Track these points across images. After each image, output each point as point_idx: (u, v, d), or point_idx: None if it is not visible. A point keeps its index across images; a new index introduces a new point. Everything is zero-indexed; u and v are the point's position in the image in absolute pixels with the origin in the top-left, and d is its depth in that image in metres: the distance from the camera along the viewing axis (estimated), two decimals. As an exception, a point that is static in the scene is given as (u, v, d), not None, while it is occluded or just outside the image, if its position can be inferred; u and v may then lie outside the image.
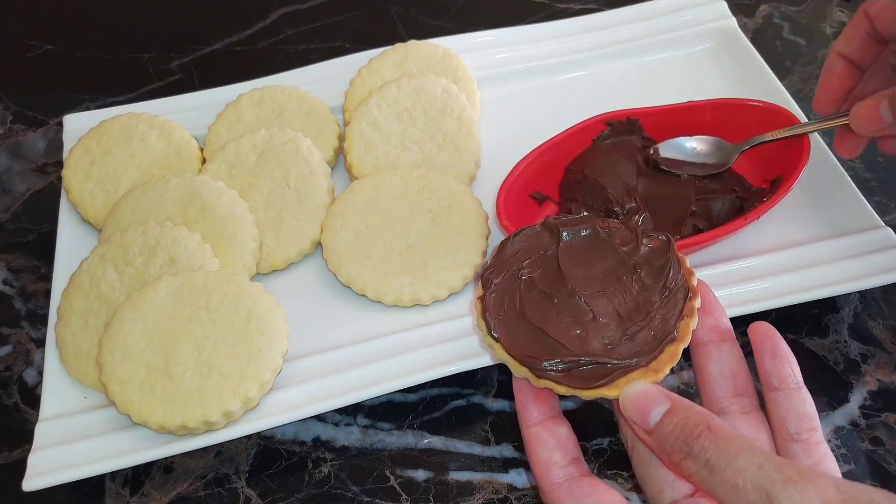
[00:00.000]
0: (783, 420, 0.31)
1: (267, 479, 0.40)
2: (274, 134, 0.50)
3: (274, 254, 0.47)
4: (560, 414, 0.33)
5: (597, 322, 0.31)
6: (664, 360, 0.30)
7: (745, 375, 0.33)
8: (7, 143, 0.58)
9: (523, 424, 0.32)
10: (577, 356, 0.30)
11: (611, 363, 0.30)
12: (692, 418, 0.27)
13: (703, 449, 0.26)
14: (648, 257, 0.33)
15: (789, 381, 0.31)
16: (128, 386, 0.39)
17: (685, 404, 0.28)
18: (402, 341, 0.43)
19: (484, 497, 0.39)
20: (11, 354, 0.46)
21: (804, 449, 0.30)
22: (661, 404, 0.28)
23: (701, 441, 0.27)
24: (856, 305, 0.45)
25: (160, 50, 0.65)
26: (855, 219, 0.46)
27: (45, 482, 0.38)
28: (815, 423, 0.31)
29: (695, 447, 0.27)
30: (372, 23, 0.67)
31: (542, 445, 0.31)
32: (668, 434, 0.28)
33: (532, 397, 0.32)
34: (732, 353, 0.33)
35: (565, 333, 0.31)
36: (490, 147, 0.52)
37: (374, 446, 0.41)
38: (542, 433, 0.32)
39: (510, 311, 0.32)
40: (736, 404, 0.32)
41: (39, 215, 0.54)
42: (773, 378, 0.31)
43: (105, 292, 0.43)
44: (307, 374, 0.42)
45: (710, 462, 0.26)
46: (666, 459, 0.28)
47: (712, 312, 0.33)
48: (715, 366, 0.33)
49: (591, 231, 0.34)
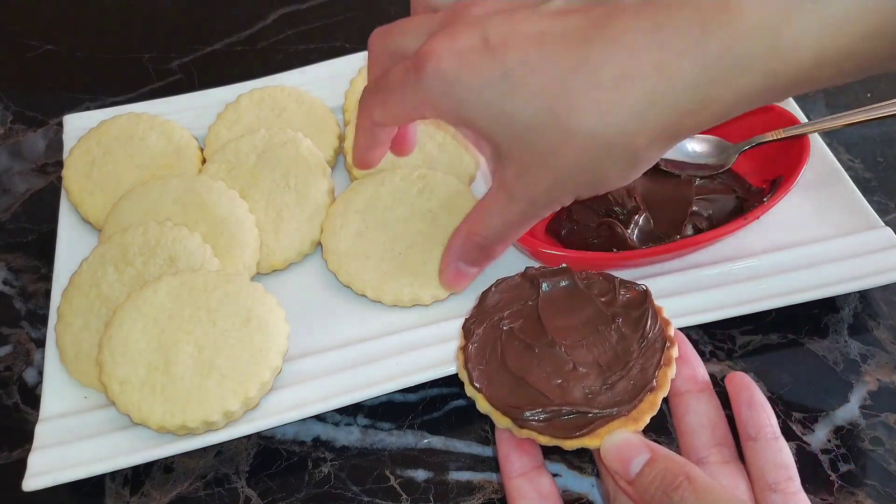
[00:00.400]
0: (762, 470, 0.31)
1: (267, 479, 0.40)
2: (274, 134, 0.50)
3: (274, 254, 0.47)
4: (543, 465, 0.33)
5: (577, 372, 0.31)
6: (644, 408, 0.31)
7: (724, 426, 0.33)
8: (7, 143, 0.58)
9: (506, 476, 0.33)
10: (559, 406, 0.31)
11: (592, 412, 0.30)
12: (672, 468, 0.28)
13: (683, 499, 0.27)
14: (626, 307, 0.33)
15: (766, 431, 0.32)
16: (128, 386, 0.39)
17: (665, 454, 0.29)
18: (402, 341, 0.43)
19: (484, 497, 0.39)
20: (11, 354, 0.46)
21: (783, 499, 0.31)
22: (641, 454, 0.29)
23: (680, 492, 0.27)
24: (856, 305, 0.45)
25: (160, 50, 0.65)
26: (855, 219, 0.46)
27: (45, 482, 0.38)
28: (792, 472, 0.31)
29: (674, 497, 0.27)
30: (372, 23, 0.66)
31: (524, 498, 0.32)
32: (649, 484, 0.28)
33: (514, 448, 0.33)
34: (710, 403, 0.34)
35: (546, 383, 0.31)
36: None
37: (374, 446, 0.41)
38: (524, 485, 0.32)
39: (492, 361, 0.33)
40: (715, 454, 0.32)
41: (39, 215, 0.54)
42: (751, 428, 0.32)
43: (105, 292, 0.43)
44: (307, 374, 0.42)
45: None
46: None
47: (689, 362, 0.34)
48: (693, 416, 0.33)
49: (569, 282, 0.34)
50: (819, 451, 0.40)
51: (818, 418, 0.41)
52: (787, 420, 0.41)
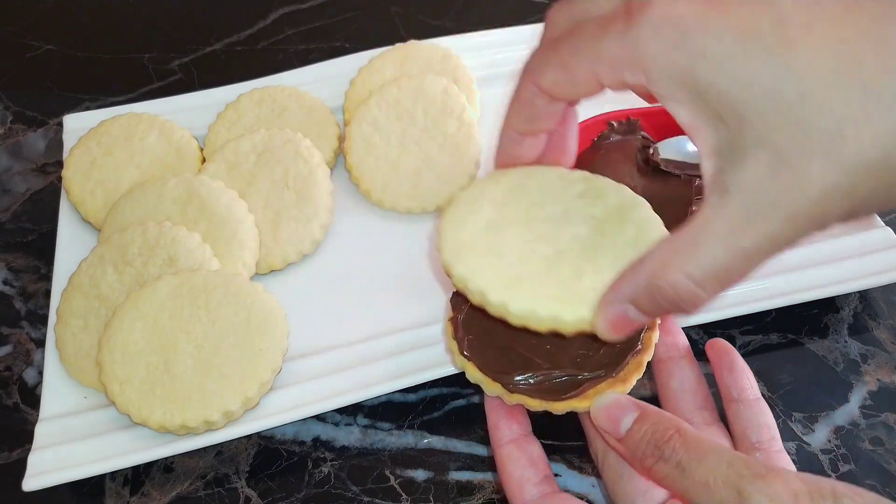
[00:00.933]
0: (744, 430, 0.33)
1: (267, 479, 0.40)
2: (273, 134, 0.50)
3: (272, 254, 0.47)
4: (531, 433, 0.34)
5: (564, 338, 0.31)
6: (631, 370, 0.32)
7: (705, 390, 0.35)
8: (7, 143, 0.58)
9: (496, 444, 0.33)
10: (549, 370, 0.31)
11: (581, 375, 0.31)
12: (662, 423, 0.28)
13: (674, 451, 0.27)
14: None
15: (748, 393, 0.33)
16: (128, 385, 0.39)
17: (654, 410, 0.29)
18: (402, 341, 0.43)
19: (484, 497, 0.39)
20: (11, 354, 0.46)
21: (765, 457, 0.31)
22: (630, 412, 0.29)
23: (671, 444, 0.27)
24: (856, 305, 0.45)
25: (160, 50, 0.65)
26: (855, 219, 0.46)
27: (45, 482, 0.38)
28: (774, 432, 0.32)
29: (666, 450, 0.27)
30: (372, 23, 0.67)
31: (515, 464, 0.32)
32: (640, 440, 0.28)
33: (504, 416, 0.33)
34: (692, 369, 0.35)
35: (535, 349, 0.32)
36: (490, 147, 0.52)
37: (374, 446, 0.41)
38: (514, 451, 0.33)
39: (480, 330, 0.33)
40: (698, 416, 0.33)
41: (39, 215, 0.54)
42: (733, 390, 0.34)
43: (104, 292, 0.43)
44: (307, 374, 0.42)
45: (681, 463, 0.27)
46: (638, 465, 0.29)
47: (670, 331, 0.36)
48: (676, 381, 0.35)
49: None
50: (819, 451, 0.40)
51: (818, 418, 0.41)
52: (787, 420, 0.41)
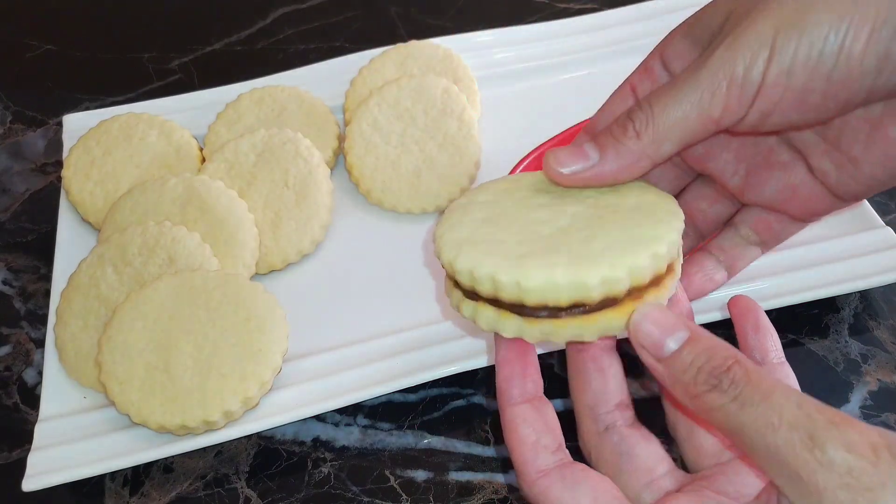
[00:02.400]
0: None
1: (267, 479, 0.40)
2: (273, 134, 0.50)
3: (272, 254, 0.47)
4: (544, 397, 0.29)
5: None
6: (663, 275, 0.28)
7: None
8: (7, 143, 0.58)
9: (506, 403, 0.29)
10: None
11: None
12: (719, 350, 0.24)
13: (734, 382, 0.23)
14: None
15: (772, 356, 0.30)
16: (127, 386, 0.39)
17: (708, 334, 0.25)
18: (402, 341, 0.43)
19: (484, 497, 0.39)
20: (11, 354, 0.46)
21: None
22: (679, 330, 0.25)
23: (731, 374, 0.23)
24: (856, 305, 0.45)
25: (160, 50, 0.65)
26: (855, 219, 0.46)
27: (44, 482, 0.38)
28: None
29: (724, 380, 0.23)
30: (372, 23, 0.67)
31: (530, 426, 0.28)
32: (689, 365, 0.24)
33: (520, 371, 0.29)
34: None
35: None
36: (490, 147, 0.52)
37: (374, 446, 0.41)
38: (527, 411, 0.28)
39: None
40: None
41: (39, 215, 0.54)
42: (756, 352, 0.30)
43: (104, 292, 0.43)
44: (307, 374, 0.42)
45: (741, 396, 0.23)
46: (680, 391, 0.25)
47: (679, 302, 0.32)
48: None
49: None
50: (819, 451, 0.40)
51: (818, 418, 0.41)
52: (788, 420, 0.41)
